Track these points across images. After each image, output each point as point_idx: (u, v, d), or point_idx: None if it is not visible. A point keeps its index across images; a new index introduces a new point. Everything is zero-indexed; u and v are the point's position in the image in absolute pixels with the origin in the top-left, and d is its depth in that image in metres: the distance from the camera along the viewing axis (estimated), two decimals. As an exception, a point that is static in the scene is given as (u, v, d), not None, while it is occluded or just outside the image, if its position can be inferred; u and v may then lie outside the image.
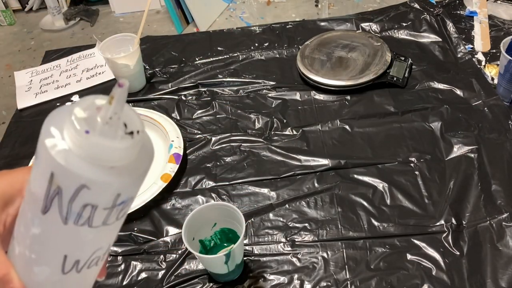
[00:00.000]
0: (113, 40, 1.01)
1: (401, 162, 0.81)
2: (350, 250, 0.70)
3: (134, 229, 0.76)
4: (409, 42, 1.07)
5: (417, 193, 0.76)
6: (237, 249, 0.62)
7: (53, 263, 0.32)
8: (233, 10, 1.66)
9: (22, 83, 1.13)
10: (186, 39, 1.18)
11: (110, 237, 0.35)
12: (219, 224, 0.67)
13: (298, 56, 1.03)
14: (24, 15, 1.85)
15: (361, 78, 0.95)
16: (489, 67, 0.98)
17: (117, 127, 0.28)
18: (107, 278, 0.71)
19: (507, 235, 0.68)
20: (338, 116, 0.91)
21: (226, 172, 0.84)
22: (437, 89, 0.94)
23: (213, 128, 0.93)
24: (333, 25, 1.15)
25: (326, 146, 0.86)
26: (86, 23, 1.73)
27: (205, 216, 0.65)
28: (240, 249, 0.65)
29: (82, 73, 1.13)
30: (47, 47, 1.60)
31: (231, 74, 1.05)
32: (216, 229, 0.68)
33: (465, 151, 0.81)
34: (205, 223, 0.66)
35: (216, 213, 0.65)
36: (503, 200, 0.73)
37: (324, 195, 0.78)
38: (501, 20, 1.10)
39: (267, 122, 0.92)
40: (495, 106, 0.88)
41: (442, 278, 0.65)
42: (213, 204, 0.66)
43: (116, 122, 0.28)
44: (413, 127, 0.87)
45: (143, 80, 1.05)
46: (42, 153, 0.29)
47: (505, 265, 0.65)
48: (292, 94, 0.97)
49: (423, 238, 0.70)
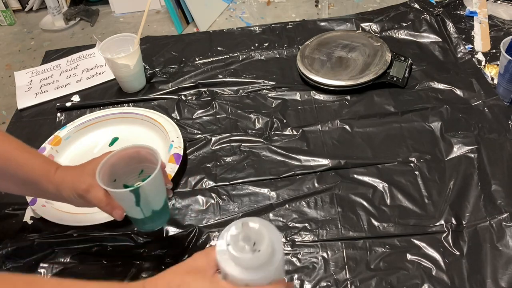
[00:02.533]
0: (113, 40, 1.01)
1: (401, 162, 0.81)
2: (350, 250, 0.70)
3: (134, 229, 0.76)
4: (409, 42, 1.07)
5: (417, 193, 0.76)
6: (148, 187, 0.59)
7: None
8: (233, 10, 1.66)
9: (22, 83, 1.13)
10: (186, 39, 1.18)
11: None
12: (146, 171, 0.64)
13: (298, 56, 1.03)
14: (24, 15, 1.85)
15: (361, 78, 0.95)
16: (489, 67, 0.98)
17: (245, 245, 0.44)
18: (107, 278, 0.71)
19: (507, 235, 0.68)
20: (338, 116, 0.91)
21: (226, 172, 0.84)
22: (437, 89, 0.94)
23: (213, 128, 0.93)
24: (333, 25, 1.15)
25: (326, 146, 0.86)
26: (86, 23, 1.73)
27: (127, 163, 0.63)
28: (156, 190, 0.61)
29: (82, 73, 1.13)
30: (47, 47, 1.60)
31: (231, 74, 1.05)
32: (143, 176, 0.65)
33: (465, 151, 0.81)
34: (129, 171, 0.65)
35: (138, 159, 0.63)
36: (503, 200, 0.73)
37: (324, 195, 0.78)
38: (501, 20, 1.10)
39: (267, 122, 0.92)
40: (495, 106, 0.88)
41: (442, 278, 0.65)
42: (129, 147, 0.63)
43: (246, 241, 0.44)
44: (413, 127, 0.87)
45: (143, 80, 1.05)
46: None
47: (505, 265, 0.65)
48: (292, 94, 0.97)
49: (423, 238, 0.70)
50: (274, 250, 0.45)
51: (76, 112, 1.02)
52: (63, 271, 0.72)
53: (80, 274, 0.72)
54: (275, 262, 0.45)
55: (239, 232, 0.44)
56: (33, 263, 0.73)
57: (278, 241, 0.46)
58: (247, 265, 0.44)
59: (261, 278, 0.44)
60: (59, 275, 0.72)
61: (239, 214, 0.76)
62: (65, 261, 0.73)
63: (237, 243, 0.44)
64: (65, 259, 0.74)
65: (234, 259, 0.44)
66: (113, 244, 0.75)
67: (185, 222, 0.77)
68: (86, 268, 0.72)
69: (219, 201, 0.79)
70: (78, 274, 0.72)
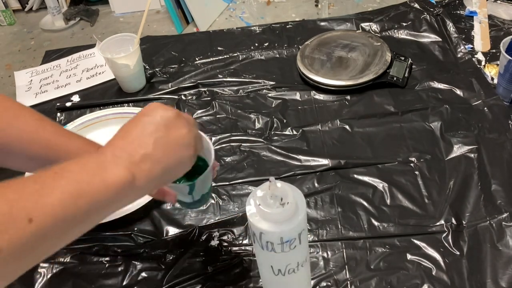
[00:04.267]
0: (113, 40, 1.01)
1: (401, 162, 0.81)
2: (350, 250, 0.70)
3: (134, 229, 0.76)
4: (409, 42, 1.07)
5: (417, 193, 0.76)
6: (202, 179, 0.60)
7: (266, 269, 0.55)
8: (233, 10, 1.66)
9: (22, 83, 1.13)
10: (186, 39, 1.18)
11: (294, 257, 0.53)
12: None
13: (298, 56, 1.03)
14: (24, 15, 1.86)
15: (361, 78, 0.95)
16: (489, 67, 0.98)
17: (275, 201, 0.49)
18: (107, 278, 0.71)
19: (507, 235, 0.68)
20: (338, 116, 0.91)
21: (226, 172, 0.84)
22: (437, 89, 0.94)
23: (213, 128, 0.93)
24: (333, 25, 1.15)
25: (326, 146, 0.86)
26: (86, 23, 1.73)
27: None
28: (208, 180, 0.63)
29: (82, 73, 1.13)
30: (47, 47, 1.61)
31: (231, 74, 1.05)
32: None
33: (465, 151, 0.81)
34: None
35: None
36: (503, 200, 0.73)
37: (324, 195, 0.78)
38: (501, 20, 1.10)
39: (267, 122, 0.92)
40: (495, 106, 0.88)
41: (442, 278, 0.65)
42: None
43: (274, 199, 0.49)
44: (413, 127, 0.87)
45: (143, 80, 1.05)
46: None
47: (505, 265, 0.65)
48: (292, 94, 0.97)
49: (423, 238, 0.70)
50: (298, 203, 0.50)
51: (76, 112, 1.02)
52: (63, 271, 0.72)
53: (80, 274, 0.72)
54: (301, 212, 0.50)
55: (266, 193, 0.50)
56: (33, 263, 0.73)
57: (299, 195, 0.52)
58: (279, 219, 0.49)
59: (291, 229, 0.49)
60: (59, 275, 0.72)
61: (239, 214, 0.76)
62: (65, 261, 0.73)
63: (266, 201, 0.49)
64: (65, 259, 0.74)
65: (266, 216, 0.49)
66: (113, 244, 0.75)
67: (185, 222, 0.77)
68: (86, 268, 0.72)
69: (219, 201, 0.79)
70: (78, 274, 0.72)
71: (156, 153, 0.47)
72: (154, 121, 0.48)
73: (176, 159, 0.49)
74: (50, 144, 0.59)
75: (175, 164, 0.49)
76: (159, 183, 0.50)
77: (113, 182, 0.43)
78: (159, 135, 0.48)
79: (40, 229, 0.36)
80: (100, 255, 0.74)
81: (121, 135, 0.49)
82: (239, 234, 0.74)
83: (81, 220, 0.41)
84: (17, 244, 0.35)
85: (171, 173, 0.50)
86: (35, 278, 0.72)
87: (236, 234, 0.74)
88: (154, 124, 0.48)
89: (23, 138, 0.57)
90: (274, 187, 0.49)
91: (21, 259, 0.36)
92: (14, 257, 0.35)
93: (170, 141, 0.48)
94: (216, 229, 0.75)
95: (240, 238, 0.74)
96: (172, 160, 0.49)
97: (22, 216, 0.35)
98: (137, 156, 0.46)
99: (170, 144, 0.48)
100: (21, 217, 0.35)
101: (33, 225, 0.36)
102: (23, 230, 0.35)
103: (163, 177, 0.49)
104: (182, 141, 0.49)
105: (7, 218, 0.35)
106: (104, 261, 0.73)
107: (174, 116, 0.50)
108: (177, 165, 0.50)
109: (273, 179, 0.49)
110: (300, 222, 0.50)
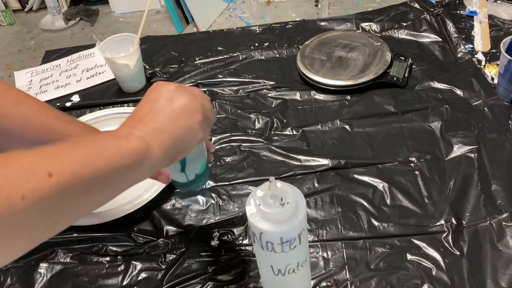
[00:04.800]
0: (113, 40, 1.01)
1: (401, 162, 0.81)
2: (350, 250, 0.70)
3: (134, 229, 0.76)
4: (409, 42, 1.07)
5: (417, 193, 0.76)
6: (193, 155, 0.60)
7: (266, 269, 0.55)
8: (233, 10, 1.66)
9: (22, 83, 1.13)
10: (186, 39, 1.18)
11: (294, 257, 0.53)
12: None
13: (298, 56, 1.03)
14: (24, 15, 1.85)
15: (361, 78, 0.95)
16: (489, 67, 0.98)
17: (275, 201, 0.49)
18: (107, 278, 0.71)
19: (507, 235, 0.68)
20: (338, 116, 0.91)
21: (226, 172, 0.84)
22: (437, 89, 0.94)
23: (213, 128, 0.93)
24: (333, 25, 1.15)
25: (326, 146, 0.86)
26: (86, 23, 1.73)
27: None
28: (200, 156, 0.63)
29: (82, 73, 1.13)
30: (47, 47, 1.61)
31: (231, 74, 1.05)
32: None
33: (465, 151, 0.81)
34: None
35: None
36: (503, 200, 0.73)
37: (324, 195, 0.78)
38: (501, 20, 1.10)
39: (267, 122, 0.92)
40: (495, 106, 0.88)
41: (442, 278, 0.65)
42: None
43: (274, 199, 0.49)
44: (413, 127, 0.87)
45: (143, 80, 1.05)
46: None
47: (505, 265, 0.65)
48: (292, 94, 0.97)
49: (423, 238, 0.70)
50: (298, 203, 0.50)
51: (76, 112, 1.02)
52: (63, 271, 0.72)
53: (80, 274, 0.72)
54: (301, 212, 0.50)
55: (266, 193, 0.50)
56: (33, 263, 0.73)
57: (299, 195, 0.52)
58: (279, 218, 0.49)
59: (291, 229, 0.49)
60: (59, 275, 0.72)
61: (239, 214, 0.76)
62: (65, 261, 0.73)
63: (266, 201, 0.49)
64: (65, 259, 0.74)
65: (266, 216, 0.49)
66: (113, 244, 0.75)
67: (185, 222, 0.77)
68: (86, 268, 0.72)
69: (219, 201, 0.79)
70: (78, 274, 0.72)
71: (165, 125, 0.50)
72: (158, 97, 0.52)
73: (184, 127, 0.51)
74: (52, 129, 0.61)
75: (184, 132, 0.51)
76: (175, 154, 0.52)
77: (128, 148, 0.45)
78: (164, 109, 0.51)
79: (60, 184, 0.37)
80: (100, 255, 0.74)
81: (130, 117, 0.52)
82: (239, 234, 0.74)
83: (99, 183, 0.42)
84: (39, 195, 0.36)
85: (184, 142, 0.52)
86: (35, 278, 0.72)
87: (236, 234, 0.74)
88: (158, 100, 0.51)
89: (26, 123, 0.60)
90: (274, 187, 0.50)
91: (43, 213, 0.37)
92: (36, 208, 0.36)
93: (175, 111, 0.51)
94: (216, 229, 0.75)
95: (240, 238, 0.74)
96: (181, 129, 0.51)
97: (42, 170, 0.37)
98: (147, 131, 0.48)
99: (175, 114, 0.51)
100: (42, 171, 0.37)
101: (53, 179, 0.37)
102: (44, 182, 0.36)
103: (176, 147, 0.51)
104: (187, 109, 0.52)
105: (29, 170, 0.36)
106: (104, 261, 0.73)
107: (174, 88, 0.53)
108: (186, 133, 0.52)
109: (273, 179, 0.49)
110: (300, 222, 0.50)
